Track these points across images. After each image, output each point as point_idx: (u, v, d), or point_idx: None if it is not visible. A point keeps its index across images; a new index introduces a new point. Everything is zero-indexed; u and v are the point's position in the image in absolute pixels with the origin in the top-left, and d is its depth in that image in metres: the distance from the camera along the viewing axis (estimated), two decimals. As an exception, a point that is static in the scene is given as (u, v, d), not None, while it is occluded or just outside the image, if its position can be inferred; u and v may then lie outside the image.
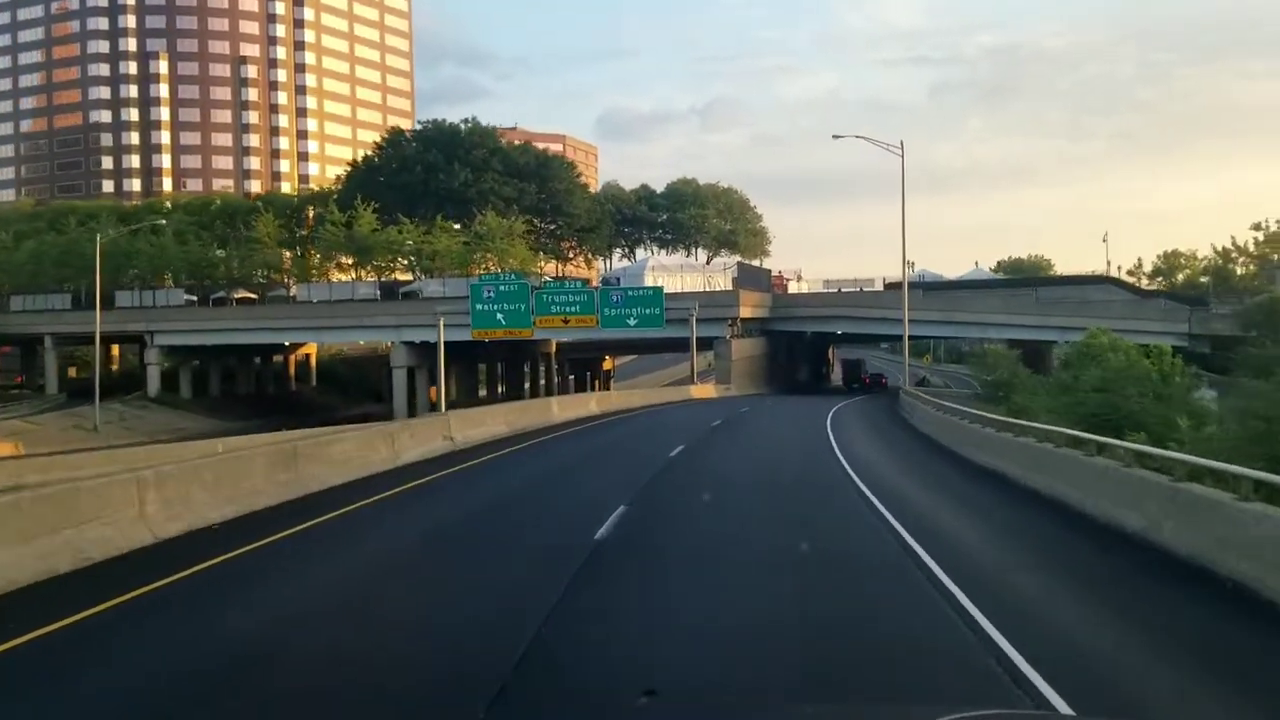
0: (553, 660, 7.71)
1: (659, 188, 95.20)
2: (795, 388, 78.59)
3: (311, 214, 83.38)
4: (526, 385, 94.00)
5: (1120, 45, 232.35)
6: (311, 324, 73.33)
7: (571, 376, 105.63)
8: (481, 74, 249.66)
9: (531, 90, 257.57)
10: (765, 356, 72.74)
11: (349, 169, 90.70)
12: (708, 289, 67.00)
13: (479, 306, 55.38)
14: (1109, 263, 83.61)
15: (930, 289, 71.86)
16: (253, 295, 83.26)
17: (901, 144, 51.79)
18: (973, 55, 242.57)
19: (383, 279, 75.28)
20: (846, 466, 22.26)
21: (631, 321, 54.25)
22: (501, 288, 55.46)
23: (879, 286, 73.73)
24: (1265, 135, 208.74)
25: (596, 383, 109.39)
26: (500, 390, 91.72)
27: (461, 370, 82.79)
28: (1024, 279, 73.70)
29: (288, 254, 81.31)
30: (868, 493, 17.25)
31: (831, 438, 29.84)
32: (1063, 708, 6.58)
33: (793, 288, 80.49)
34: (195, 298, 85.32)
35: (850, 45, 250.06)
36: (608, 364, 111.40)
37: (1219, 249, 77.74)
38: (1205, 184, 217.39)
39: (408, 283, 74.64)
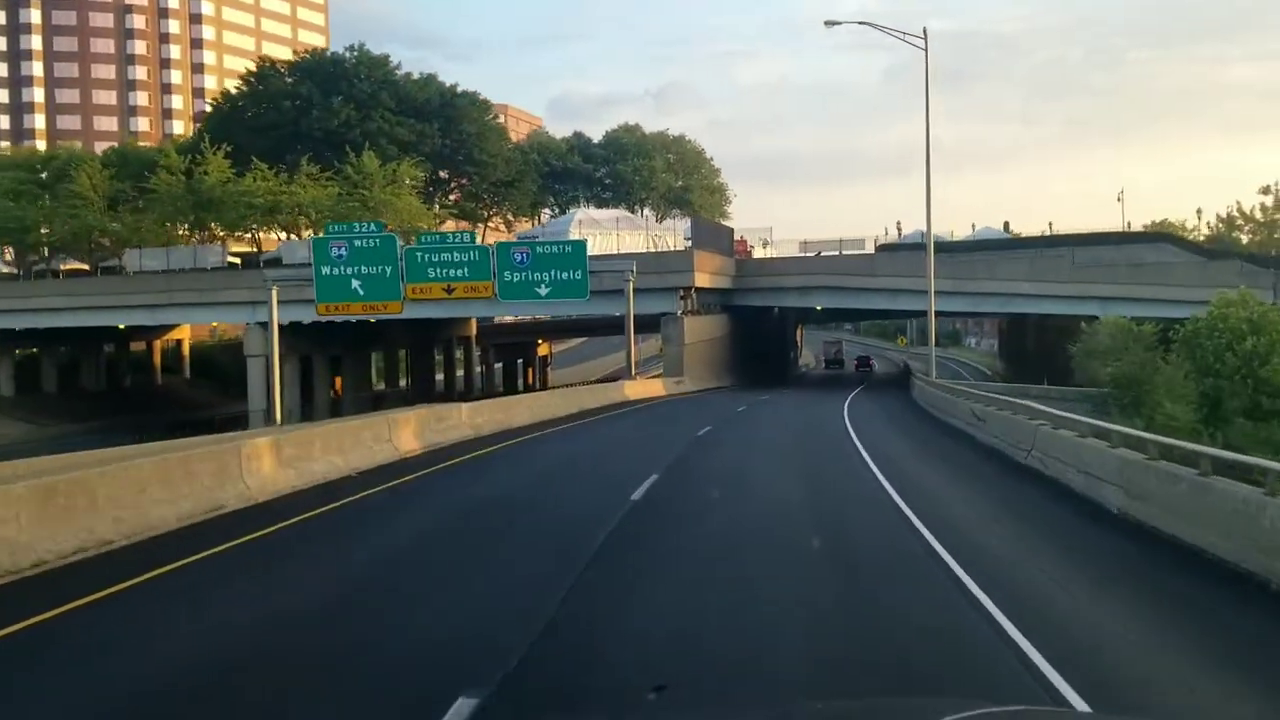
0: None
1: (597, 137, 78.59)
2: (762, 376, 62.77)
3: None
4: (440, 377, 77.58)
5: (1074, 30, 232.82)
6: (143, 301, 56.04)
7: (499, 365, 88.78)
8: (431, 56, 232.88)
9: (482, 74, 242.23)
10: (727, 339, 56.64)
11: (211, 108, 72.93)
12: (655, 250, 50.57)
13: (326, 271, 38.88)
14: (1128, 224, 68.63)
15: (938, 250, 55.92)
16: (83, 266, 65.75)
17: (925, 32, 36.09)
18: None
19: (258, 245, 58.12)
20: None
21: (543, 290, 37.99)
22: (357, 243, 38.82)
23: (869, 249, 57.84)
24: (1214, 119, 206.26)
25: (531, 372, 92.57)
26: (405, 384, 75.28)
27: (354, 361, 65.72)
28: (1055, 238, 58.00)
29: (129, 215, 63.48)
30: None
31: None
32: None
33: (759, 254, 64.30)
34: (19, 270, 67.85)
35: (803, 30, 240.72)
36: (543, 348, 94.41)
37: (1222, 215, 70.46)
38: (1153, 168, 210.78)
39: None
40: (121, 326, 60.63)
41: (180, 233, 61.89)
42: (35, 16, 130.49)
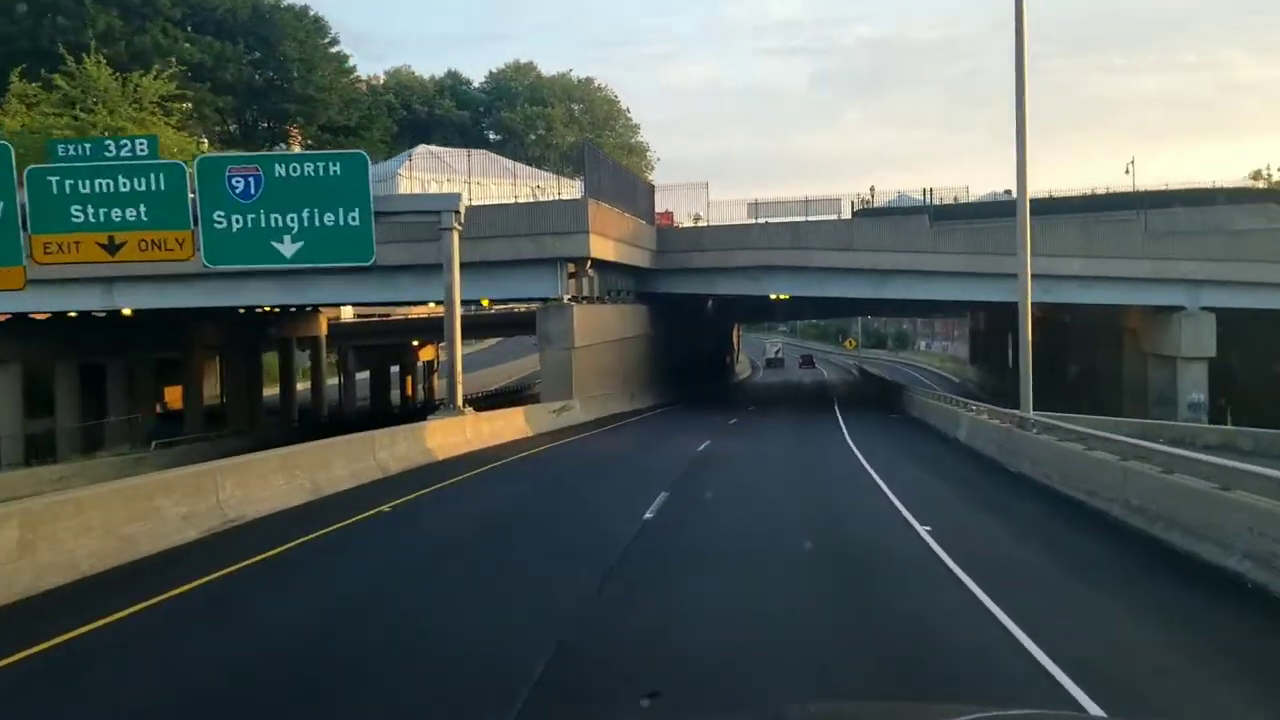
0: None
1: (479, 79, 59.83)
2: (694, 392, 45.37)
3: None
4: (273, 392, 58.65)
5: (992, 37, 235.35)
6: None
7: (366, 373, 69.71)
8: (356, 55, 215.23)
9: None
10: (644, 341, 39.05)
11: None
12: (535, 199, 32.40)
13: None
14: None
15: (943, 216, 39.00)
16: None
17: None
18: (850, 46, 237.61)
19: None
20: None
21: (287, 245, 19.97)
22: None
23: (845, 214, 40.51)
24: (1122, 128, 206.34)
25: (410, 382, 73.40)
26: (223, 399, 56.32)
27: (127, 370, 46.15)
28: (1114, 196, 41.01)
29: None
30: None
31: None
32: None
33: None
34: None
35: (731, 34, 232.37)
36: (427, 352, 75.41)
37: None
38: (1068, 174, 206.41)
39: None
40: None
41: None
42: None
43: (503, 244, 29.92)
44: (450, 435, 18.82)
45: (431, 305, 76.06)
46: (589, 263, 31.05)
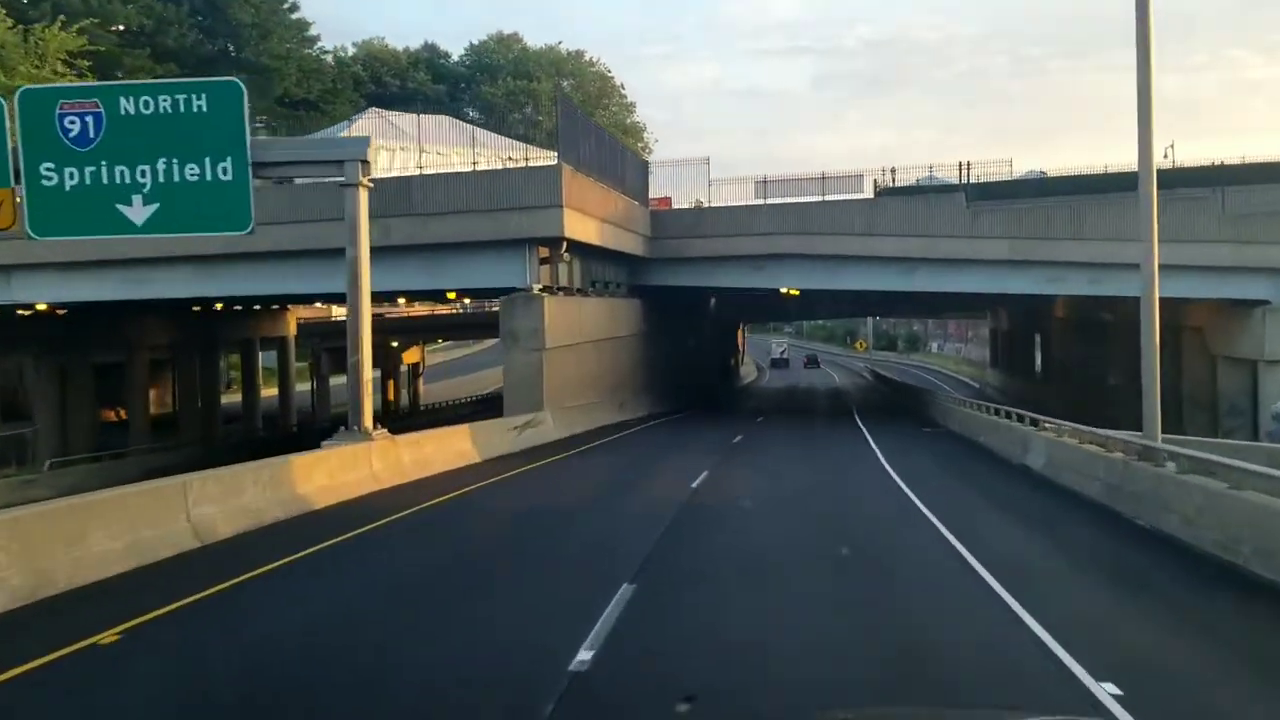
0: None
1: (458, 51, 54.26)
2: (695, 401, 40.18)
3: None
4: (236, 399, 53.83)
5: (992, 39, 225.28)
6: None
7: (343, 378, 63.82)
8: (326, 31, 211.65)
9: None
10: (636, 340, 33.76)
11: None
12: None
13: None
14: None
15: (980, 197, 33.59)
16: None
17: None
18: (852, 47, 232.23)
19: None
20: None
21: (136, 210, 14.10)
22: None
23: (867, 193, 35.14)
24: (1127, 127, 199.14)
25: (393, 386, 67.98)
26: (175, 406, 51.27)
27: (60, 372, 40.81)
28: (1184, 171, 35.34)
29: None
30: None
31: None
32: None
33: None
34: None
35: (732, 34, 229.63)
36: (411, 354, 70.11)
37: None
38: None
39: None
40: None
41: None
42: None
43: (456, 222, 24.54)
44: (345, 471, 13.42)
45: (405, 303, 70.33)
46: (565, 246, 25.62)
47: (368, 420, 15.02)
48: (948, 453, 21.45)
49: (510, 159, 31.45)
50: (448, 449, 17.15)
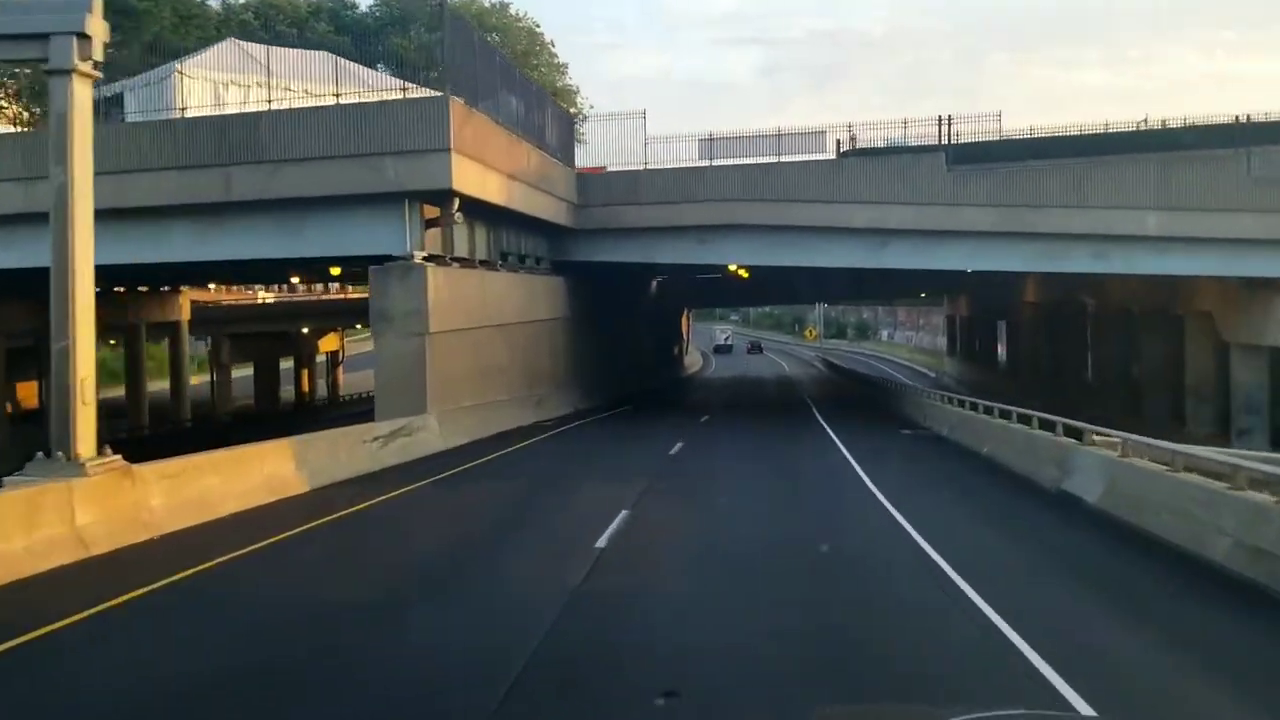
0: None
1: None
2: (636, 393, 35.01)
3: None
4: (120, 392, 47.10)
5: (937, 33, 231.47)
6: None
7: (248, 370, 58.10)
8: None
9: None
10: (559, 325, 28.36)
11: None
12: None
13: None
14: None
15: (964, 157, 28.49)
16: None
17: None
18: (799, 38, 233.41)
19: None
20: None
21: None
22: None
23: (829, 154, 29.90)
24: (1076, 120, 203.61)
25: (307, 377, 61.92)
26: (42, 403, 44.20)
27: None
28: (1201, 129, 30.56)
29: None
30: None
31: None
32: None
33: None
34: None
35: (679, 25, 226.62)
36: (329, 342, 64.08)
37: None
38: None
39: None
40: None
41: None
42: None
43: (317, 170, 18.91)
44: (24, 532, 7.82)
45: (324, 288, 63.30)
46: (457, 203, 20.08)
47: (84, 444, 9.29)
48: (950, 472, 16.26)
49: (387, 98, 25.60)
50: (249, 476, 11.60)
